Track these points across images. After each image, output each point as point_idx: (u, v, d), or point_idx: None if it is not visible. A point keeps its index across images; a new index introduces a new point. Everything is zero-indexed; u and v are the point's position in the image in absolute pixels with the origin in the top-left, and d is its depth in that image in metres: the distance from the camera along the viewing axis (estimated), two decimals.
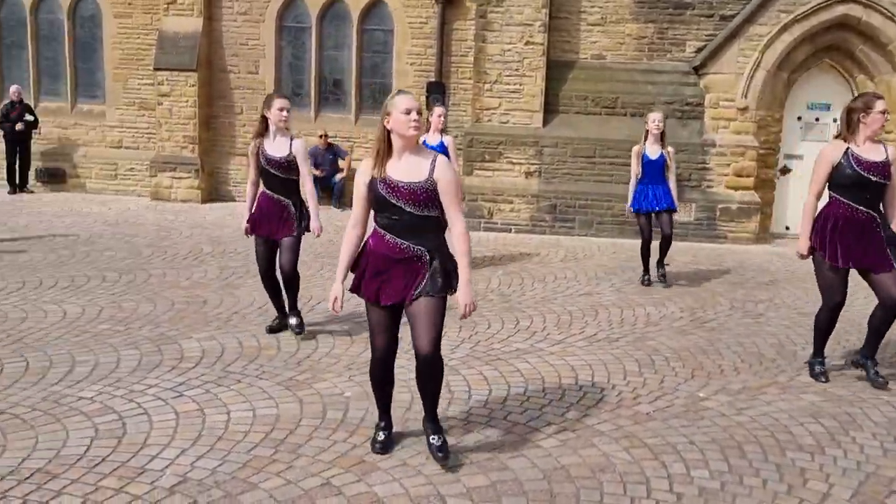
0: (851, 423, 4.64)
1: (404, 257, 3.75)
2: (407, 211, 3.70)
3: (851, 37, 10.69)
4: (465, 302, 3.77)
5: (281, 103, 5.73)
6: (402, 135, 3.69)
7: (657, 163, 7.85)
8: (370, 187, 3.76)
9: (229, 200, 12.71)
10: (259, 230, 5.89)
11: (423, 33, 12.10)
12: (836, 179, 5.21)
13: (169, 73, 12.23)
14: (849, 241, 5.16)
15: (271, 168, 5.75)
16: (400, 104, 3.67)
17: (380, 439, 4.09)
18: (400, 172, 3.71)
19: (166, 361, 5.25)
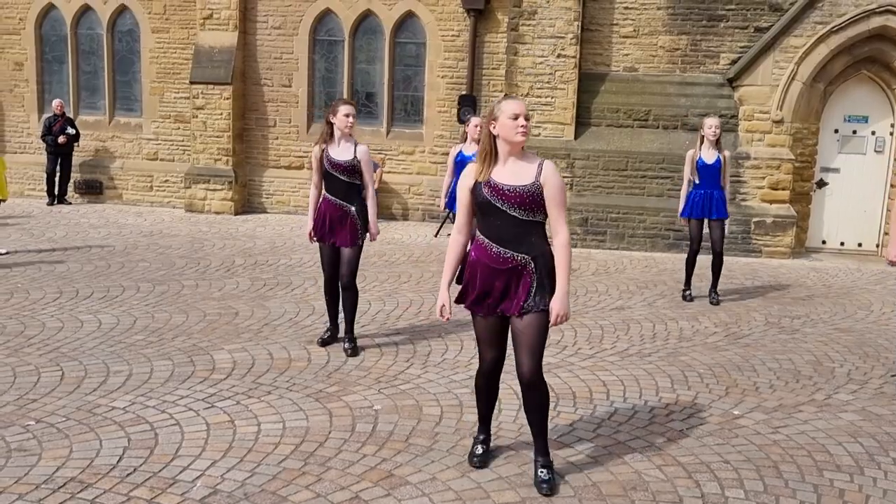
0: (892, 443, 4.53)
1: (508, 267, 3.68)
2: (511, 216, 3.63)
3: (890, 48, 10.50)
4: (559, 312, 3.64)
5: (346, 109, 5.80)
6: (509, 140, 3.64)
7: (714, 167, 7.76)
8: (474, 192, 3.70)
9: (262, 212, 12.82)
10: (323, 237, 5.91)
11: (454, 46, 12.14)
12: None
13: (204, 87, 12.40)
14: None
15: (335, 172, 5.81)
16: (508, 109, 3.62)
17: (478, 453, 4.04)
18: (505, 176, 3.65)
19: (198, 372, 5.30)
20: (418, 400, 4.93)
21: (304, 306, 7.11)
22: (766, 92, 10.67)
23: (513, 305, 3.69)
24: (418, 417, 4.65)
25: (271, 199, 12.91)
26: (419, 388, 5.15)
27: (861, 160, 11.08)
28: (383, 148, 12.60)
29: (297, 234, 11.01)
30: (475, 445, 4.09)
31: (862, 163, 11.08)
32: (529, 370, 3.70)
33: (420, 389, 5.12)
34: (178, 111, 13.04)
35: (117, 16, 13.17)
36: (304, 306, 7.11)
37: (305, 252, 9.68)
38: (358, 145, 5.87)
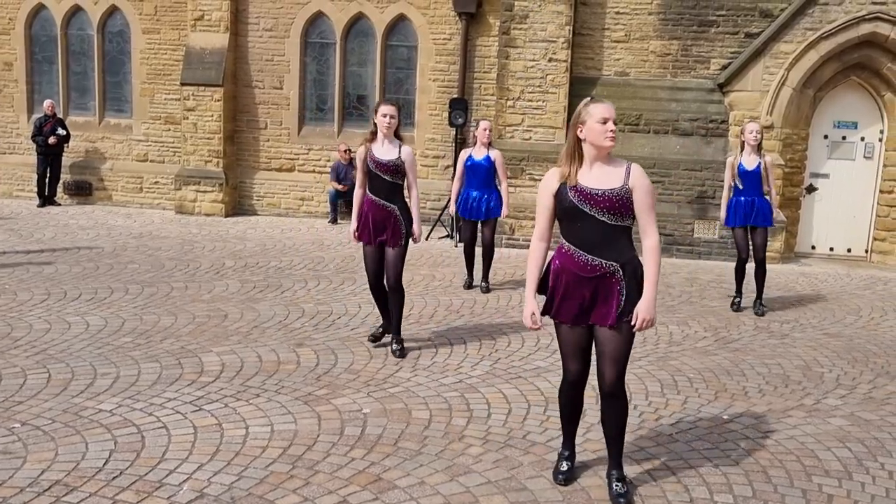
0: (880, 448, 4.54)
1: (597, 275, 3.56)
2: (600, 220, 3.51)
3: (879, 54, 10.57)
4: (645, 316, 3.53)
5: (385, 109, 5.80)
6: (597, 145, 3.52)
7: (755, 173, 7.64)
8: (559, 196, 3.57)
9: (252, 214, 12.78)
10: (368, 238, 5.89)
11: (446, 50, 12.14)
12: None
13: (195, 88, 12.36)
14: None
15: (379, 171, 5.79)
16: (596, 113, 3.50)
17: (563, 469, 3.92)
18: (593, 180, 3.53)
19: (186, 375, 5.26)
20: (407, 403, 4.91)
21: (293, 309, 7.08)
22: (756, 97, 10.71)
23: (606, 316, 3.58)
24: (407, 421, 4.63)
25: (262, 202, 12.87)
26: (408, 391, 5.13)
27: (850, 166, 11.14)
28: None
29: (288, 236, 10.98)
30: (560, 462, 3.95)
31: (851, 168, 11.14)
32: (611, 381, 3.62)
33: (409, 393, 5.10)
34: (169, 112, 12.99)
35: (108, 16, 13.12)
36: (294, 309, 7.09)
37: (296, 254, 9.65)
38: (403, 146, 5.86)
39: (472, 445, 4.32)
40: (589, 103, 3.56)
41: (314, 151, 12.72)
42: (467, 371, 5.59)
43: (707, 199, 10.79)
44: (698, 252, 10.74)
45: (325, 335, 6.32)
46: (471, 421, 4.68)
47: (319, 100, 12.85)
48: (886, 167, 10.91)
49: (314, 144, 12.72)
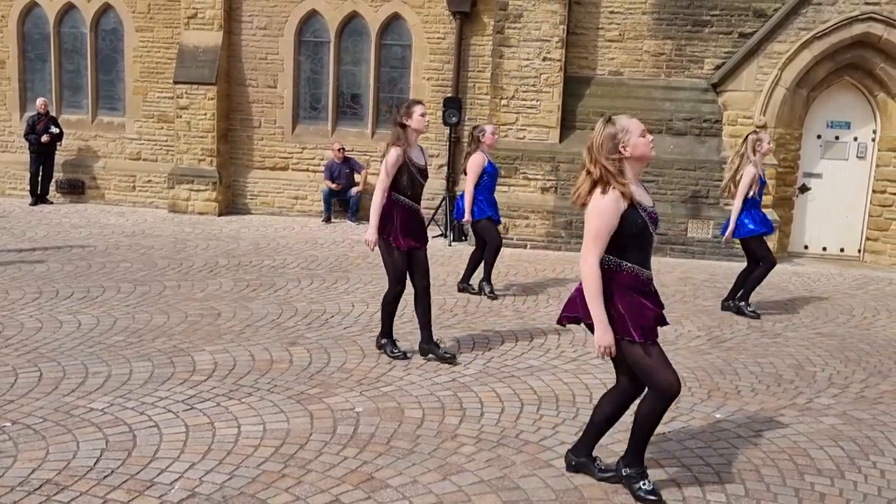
0: (872, 447, 4.55)
1: (654, 290, 3.70)
2: (655, 236, 3.67)
3: (872, 55, 10.59)
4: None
5: (423, 109, 5.67)
6: (646, 157, 3.62)
7: (763, 182, 7.70)
8: (628, 218, 3.50)
9: (246, 213, 12.75)
10: (407, 242, 5.64)
11: (440, 49, 12.13)
12: None
13: (188, 87, 12.32)
14: None
15: (420, 177, 5.71)
16: (636, 128, 3.58)
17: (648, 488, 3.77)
18: (646, 199, 3.64)
19: (178, 374, 5.24)
20: (400, 402, 4.90)
21: (286, 307, 7.07)
22: (749, 97, 10.73)
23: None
24: (400, 420, 4.62)
25: (256, 201, 12.84)
26: (401, 390, 5.12)
27: (843, 166, 11.17)
28: (368, 149, 12.56)
29: (282, 235, 10.96)
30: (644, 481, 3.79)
31: (844, 168, 11.17)
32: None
33: (402, 392, 5.09)
34: (162, 111, 12.95)
35: (101, 14, 13.07)
36: (287, 307, 7.07)
37: (289, 253, 9.63)
38: (423, 148, 5.83)
39: (465, 444, 4.32)
40: (619, 121, 3.60)
41: (308, 150, 12.70)
42: (460, 370, 5.58)
43: (700, 199, 10.81)
44: (692, 251, 10.75)
45: (318, 334, 6.31)
46: (464, 420, 4.67)
47: (313, 98, 12.82)
48: (879, 167, 10.94)
49: (308, 143, 12.69)
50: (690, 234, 10.82)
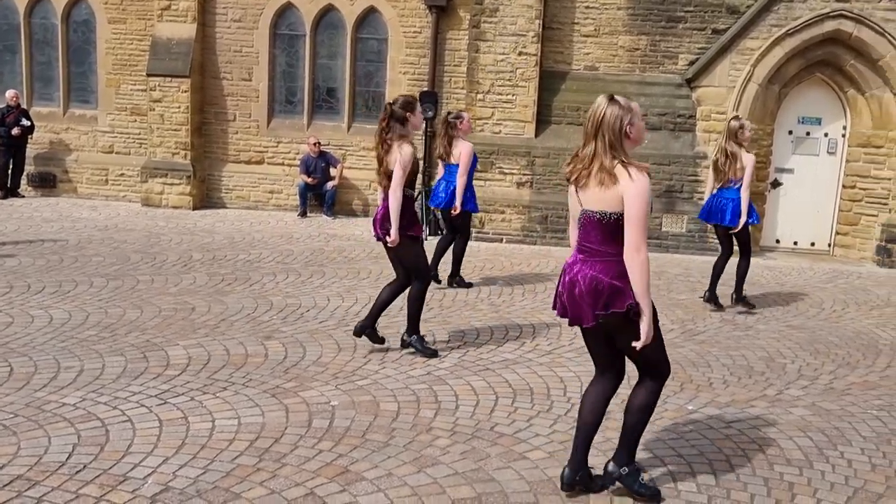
0: (840, 437, 4.63)
1: None
2: None
3: (842, 52, 10.73)
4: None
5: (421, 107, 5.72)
6: (641, 140, 3.59)
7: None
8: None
9: (221, 207, 12.66)
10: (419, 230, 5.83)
11: (416, 43, 12.11)
12: None
13: (161, 79, 12.19)
14: None
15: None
16: (639, 110, 3.54)
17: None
18: None
19: (151, 368, 5.21)
20: (375, 396, 4.91)
21: (262, 302, 7.04)
22: (722, 93, 10.83)
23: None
24: (375, 413, 4.63)
25: (231, 195, 12.75)
26: (376, 383, 5.13)
27: (814, 161, 11.32)
28: (344, 144, 12.52)
29: (257, 229, 10.90)
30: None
31: (815, 164, 11.32)
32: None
33: (377, 385, 5.10)
34: (135, 103, 12.80)
35: (72, 6, 12.87)
36: (262, 302, 7.04)
37: (265, 247, 9.59)
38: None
39: (440, 437, 4.34)
40: (624, 103, 3.48)
41: (283, 144, 12.63)
42: (435, 363, 5.60)
43: (675, 193, 10.91)
44: (666, 245, 10.85)
45: (294, 328, 6.30)
46: (439, 413, 4.69)
47: (289, 92, 12.75)
48: (849, 162, 11.10)
49: (283, 137, 12.62)
50: (665, 229, 10.92)
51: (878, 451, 4.46)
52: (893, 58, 10.43)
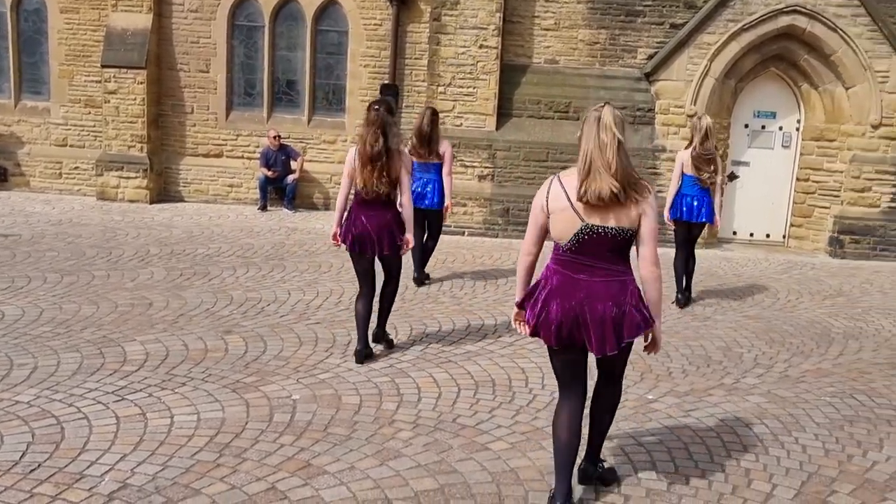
0: (795, 424, 4.73)
1: None
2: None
3: (796, 47, 10.94)
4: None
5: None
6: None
7: None
8: None
9: (179, 201, 12.46)
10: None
11: (377, 35, 12.04)
12: None
13: (116, 71, 11.94)
14: None
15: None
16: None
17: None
18: None
19: (108, 365, 5.11)
20: (337, 389, 4.89)
21: (221, 296, 6.95)
22: (680, 87, 10.97)
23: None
24: (337, 406, 4.61)
25: (189, 188, 12.56)
26: (338, 377, 5.11)
27: (769, 154, 11.53)
28: (305, 136, 12.42)
29: (216, 223, 10.76)
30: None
31: (770, 157, 11.53)
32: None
33: (339, 379, 5.07)
34: (89, 95, 12.53)
35: None
36: (222, 296, 6.95)
37: (224, 241, 9.47)
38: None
39: (403, 430, 4.33)
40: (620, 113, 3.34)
41: (243, 137, 12.48)
42: (398, 356, 5.59)
43: None
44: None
45: (254, 322, 6.23)
46: (401, 405, 4.68)
47: (248, 84, 12.59)
48: (803, 156, 11.33)
49: (243, 130, 12.47)
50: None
51: (831, 436, 4.57)
52: (845, 53, 10.67)
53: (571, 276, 3.35)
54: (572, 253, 3.36)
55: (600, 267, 3.34)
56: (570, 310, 3.32)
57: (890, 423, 4.81)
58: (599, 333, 3.32)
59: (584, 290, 3.32)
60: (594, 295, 3.31)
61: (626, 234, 3.34)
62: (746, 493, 3.82)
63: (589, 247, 3.33)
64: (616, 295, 3.33)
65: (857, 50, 10.61)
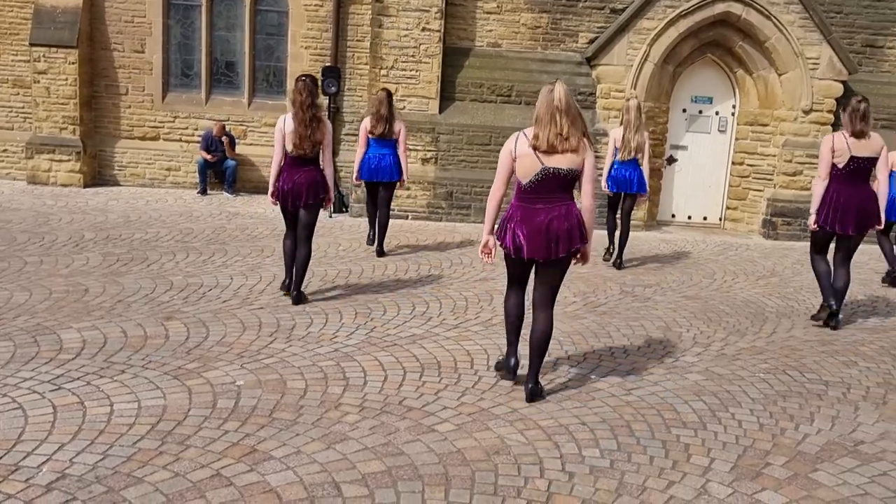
0: (731, 399, 4.88)
1: None
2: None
3: (732, 33, 11.18)
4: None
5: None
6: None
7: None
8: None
9: (114, 185, 12.13)
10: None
11: (318, 16, 11.88)
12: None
13: (46, 50, 11.53)
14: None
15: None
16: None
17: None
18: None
19: (43, 353, 4.97)
20: (282, 374, 4.85)
21: (161, 282, 6.81)
22: (621, 71, 11.11)
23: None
24: (282, 391, 4.57)
25: (125, 172, 12.23)
26: (283, 361, 5.06)
27: (706, 138, 11.78)
28: (245, 119, 12.21)
29: (154, 207, 10.52)
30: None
31: (707, 141, 11.79)
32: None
33: (284, 363, 5.03)
34: (17, 75, 12.07)
35: None
36: (162, 282, 6.81)
37: (162, 226, 9.26)
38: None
39: (349, 413, 4.32)
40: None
41: (181, 119, 12.19)
42: (343, 340, 5.57)
43: None
44: None
45: (196, 308, 6.12)
46: (347, 389, 4.67)
47: (185, 65, 12.29)
48: (738, 140, 11.62)
49: (180, 112, 12.18)
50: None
51: (765, 411, 4.72)
52: (778, 40, 10.95)
53: (531, 207, 4.47)
54: (532, 189, 4.45)
55: (554, 198, 4.45)
56: (534, 229, 4.44)
57: (820, 398, 5.00)
58: (555, 242, 4.44)
59: (542, 214, 4.44)
60: (551, 217, 4.43)
61: (574, 173, 4.43)
62: (686, 468, 3.93)
63: (545, 183, 4.42)
64: (565, 216, 4.45)
65: (790, 37, 10.91)
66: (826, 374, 5.45)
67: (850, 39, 11.54)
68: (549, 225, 4.41)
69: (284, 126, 6.28)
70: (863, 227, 6.41)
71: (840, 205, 6.31)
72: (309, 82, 6.25)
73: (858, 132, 6.26)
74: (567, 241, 4.43)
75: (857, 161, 6.30)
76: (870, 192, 6.42)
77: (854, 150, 6.28)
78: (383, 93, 8.50)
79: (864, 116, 6.24)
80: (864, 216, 6.36)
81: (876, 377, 5.47)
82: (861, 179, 6.37)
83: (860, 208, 6.34)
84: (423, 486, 3.57)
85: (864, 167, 6.35)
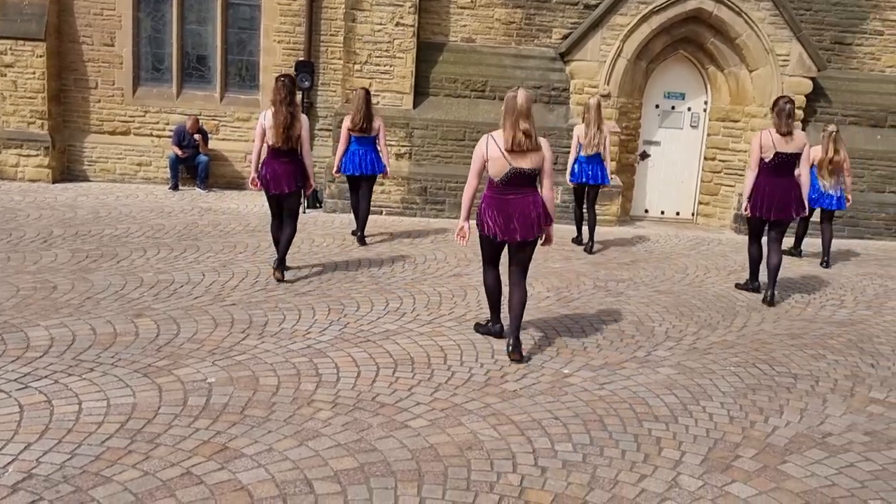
0: (702, 393, 4.92)
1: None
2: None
3: (703, 30, 11.26)
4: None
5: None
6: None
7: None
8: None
9: (84, 180, 11.97)
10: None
11: (291, 10, 11.79)
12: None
13: (13, 42, 11.32)
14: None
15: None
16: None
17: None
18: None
19: (10, 351, 4.89)
20: (254, 371, 4.81)
21: (131, 278, 6.73)
22: (594, 67, 11.15)
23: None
24: (254, 388, 4.54)
25: (94, 167, 12.07)
26: (255, 358, 5.02)
27: (679, 134, 11.88)
28: (217, 114, 12.09)
29: (124, 203, 10.39)
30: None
31: (679, 137, 11.88)
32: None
33: (256, 360, 4.99)
34: None
35: None
36: (132, 278, 6.73)
37: (133, 222, 9.15)
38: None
39: (322, 409, 4.30)
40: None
41: (151, 114, 12.05)
42: (316, 336, 5.54)
43: None
44: None
45: (167, 305, 6.06)
46: (320, 385, 4.65)
47: (156, 59, 12.14)
48: (710, 136, 11.72)
49: (151, 106, 12.04)
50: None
51: (735, 404, 4.77)
52: (749, 37, 11.05)
53: (503, 198, 5.24)
54: (503, 185, 5.23)
55: (521, 191, 5.23)
56: (506, 216, 5.22)
57: (789, 391, 5.06)
58: (527, 226, 5.21)
59: (513, 204, 5.22)
60: (521, 204, 5.21)
61: (535, 171, 5.23)
62: (657, 461, 3.96)
63: (514, 180, 5.20)
64: (532, 204, 5.23)
65: (761, 34, 11.01)
66: (795, 367, 5.52)
67: (819, 36, 11.68)
68: (520, 212, 5.18)
69: (265, 121, 6.90)
70: (787, 213, 7.17)
71: (767, 194, 7.12)
72: (288, 82, 6.81)
73: (784, 131, 6.98)
74: (536, 225, 5.22)
75: (782, 156, 7.05)
76: (794, 183, 7.13)
77: (779, 147, 7.03)
78: (362, 91, 8.85)
79: (789, 115, 6.97)
80: (787, 203, 7.12)
81: (844, 370, 5.55)
82: (786, 172, 7.10)
83: (784, 197, 7.10)
84: (396, 483, 3.57)
85: (789, 161, 7.08)
